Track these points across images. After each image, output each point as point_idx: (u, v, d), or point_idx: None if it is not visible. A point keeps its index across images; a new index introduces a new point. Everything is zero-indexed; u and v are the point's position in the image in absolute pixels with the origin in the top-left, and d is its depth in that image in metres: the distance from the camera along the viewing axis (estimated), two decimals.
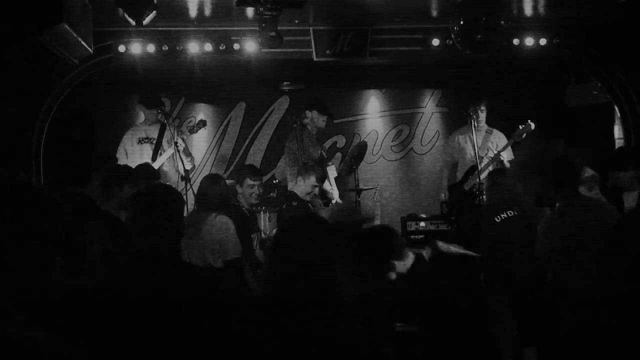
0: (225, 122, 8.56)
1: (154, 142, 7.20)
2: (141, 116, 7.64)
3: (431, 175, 8.42)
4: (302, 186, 6.11)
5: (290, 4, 5.86)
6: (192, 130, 7.30)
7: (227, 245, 4.87)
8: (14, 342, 1.49)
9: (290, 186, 6.60)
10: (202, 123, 7.43)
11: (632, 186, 5.10)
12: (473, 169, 6.91)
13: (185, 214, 4.32)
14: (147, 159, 7.02)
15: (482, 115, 7.27)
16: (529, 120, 6.94)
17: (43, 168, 6.67)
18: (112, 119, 8.10)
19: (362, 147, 7.53)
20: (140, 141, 7.24)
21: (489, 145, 7.18)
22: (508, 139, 7.10)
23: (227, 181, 5.67)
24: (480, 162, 6.84)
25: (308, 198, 6.11)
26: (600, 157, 5.91)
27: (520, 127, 6.94)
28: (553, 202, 4.46)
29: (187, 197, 5.83)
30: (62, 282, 2.35)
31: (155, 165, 6.84)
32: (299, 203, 6.00)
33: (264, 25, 5.96)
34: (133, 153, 7.18)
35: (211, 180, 5.36)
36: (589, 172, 5.64)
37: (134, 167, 5.47)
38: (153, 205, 2.87)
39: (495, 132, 7.30)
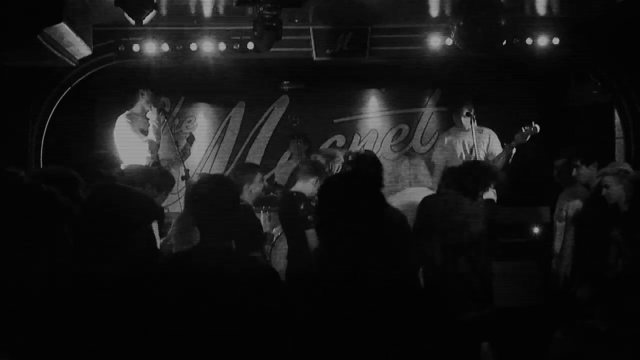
0: (225, 121, 8.55)
1: (154, 133, 6.96)
2: (138, 103, 7.43)
3: (430, 175, 8.38)
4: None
5: (290, 4, 5.86)
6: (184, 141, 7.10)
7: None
8: None
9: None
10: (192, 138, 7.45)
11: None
12: None
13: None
14: (146, 152, 6.87)
15: (471, 116, 7.01)
16: (534, 122, 6.66)
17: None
18: (112, 119, 8.06)
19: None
20: (139, 132, 6.98)
21: (480, 144, 7.05)
22: (509, 141, 6.81)
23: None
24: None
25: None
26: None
27: (524, 129, 6.65)
28: None
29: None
30: None
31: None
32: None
33: (264, 25, 5.95)
34: (133, 146, 6.92)
35: None
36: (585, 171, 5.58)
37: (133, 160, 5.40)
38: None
39: (486, 130, 7.10)
